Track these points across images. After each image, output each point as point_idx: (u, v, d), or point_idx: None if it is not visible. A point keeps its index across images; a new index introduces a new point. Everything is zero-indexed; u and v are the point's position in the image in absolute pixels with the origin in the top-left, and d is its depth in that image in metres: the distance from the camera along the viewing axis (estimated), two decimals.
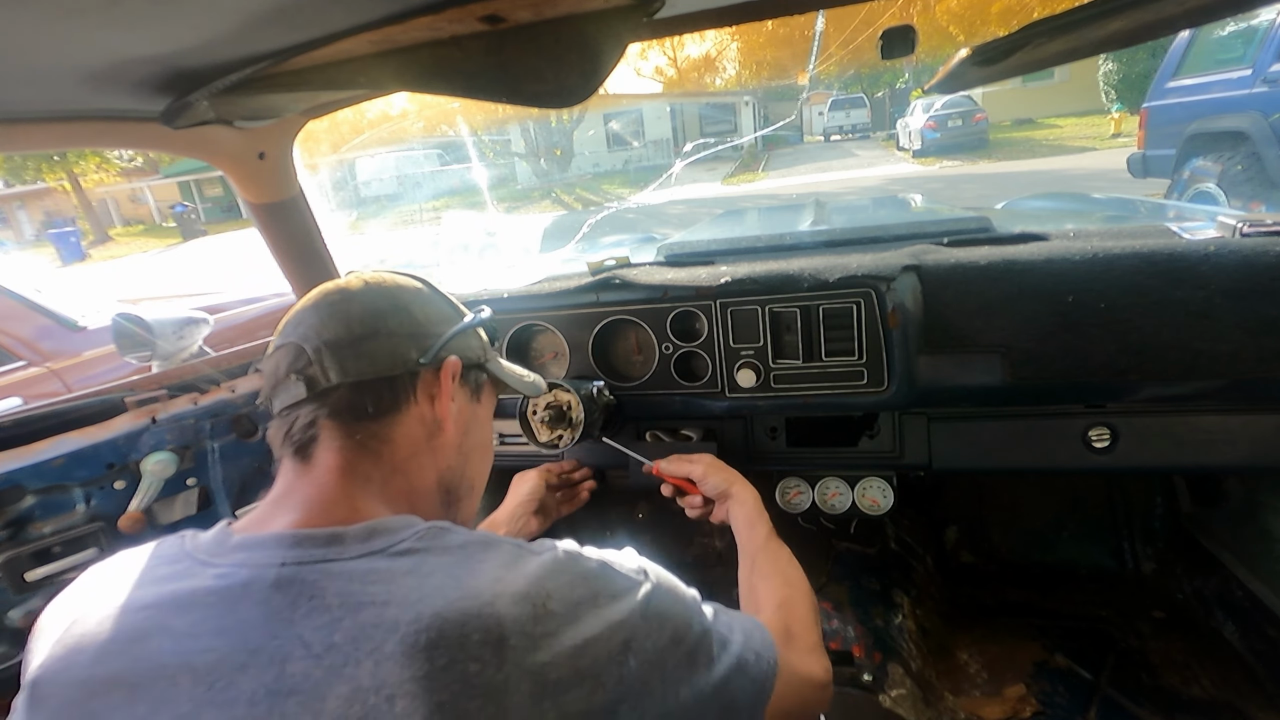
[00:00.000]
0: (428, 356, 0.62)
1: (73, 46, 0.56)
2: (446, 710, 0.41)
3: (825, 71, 16.13)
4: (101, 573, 0.55)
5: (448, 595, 0.46)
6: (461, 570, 0.49)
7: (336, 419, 0.58)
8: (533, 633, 0.45)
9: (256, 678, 0.44)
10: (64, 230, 18.05)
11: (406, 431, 0.61)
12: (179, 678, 0.45)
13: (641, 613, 0.52)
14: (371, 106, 4.14)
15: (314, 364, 0.58)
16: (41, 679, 0.48)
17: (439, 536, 0.52)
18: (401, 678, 0.42)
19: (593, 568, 0.53)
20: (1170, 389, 1.03)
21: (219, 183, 24.77)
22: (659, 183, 13.60)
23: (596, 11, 0.52)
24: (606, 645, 0.48)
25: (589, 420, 1.12)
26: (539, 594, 0.48)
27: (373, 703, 0.42)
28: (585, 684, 0.46)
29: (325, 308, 0.61)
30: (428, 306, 0.66)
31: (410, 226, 13.11)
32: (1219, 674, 1.35)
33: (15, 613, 1.04)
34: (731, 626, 0.61)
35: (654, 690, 0.50)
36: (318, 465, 0.57)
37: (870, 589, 1.53)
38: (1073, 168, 10.81)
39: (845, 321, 1.10)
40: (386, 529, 0.52)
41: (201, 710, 0.43)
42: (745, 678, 0.58)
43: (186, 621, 0.47)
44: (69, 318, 2.59)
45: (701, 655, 0.55)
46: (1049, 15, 0.58)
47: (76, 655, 0.48)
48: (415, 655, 0.42)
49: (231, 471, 1.24)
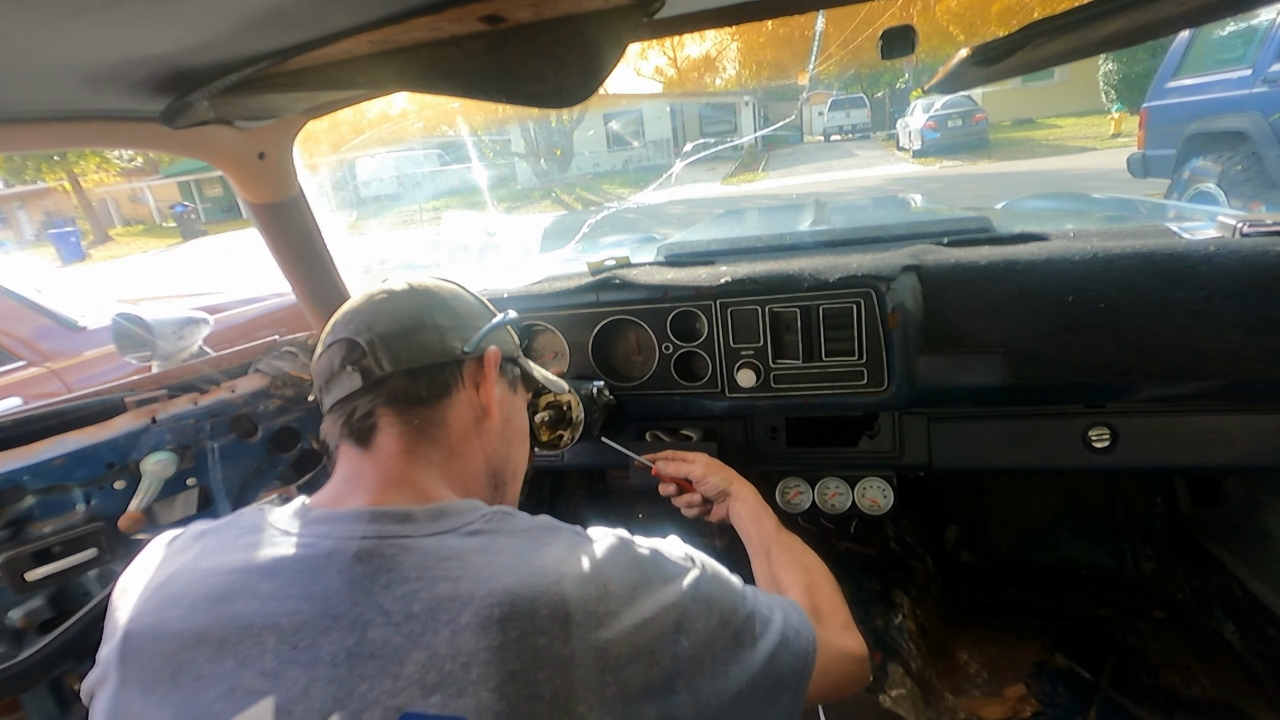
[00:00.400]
0: (471, 345, 0.67)
1: (73, 46, 0.56)
2: (518, 679, 0.45)
3: (825, 71, 16.15)
4: (178, 539, 0.59)
5: (518, 573, 0.49)
6: (529, 551, 0.52)
7: (393, 405, 0.61)
8: (596, 611, 0.49)
9: (339, 640, 0.47)
10: (64, 230, 18.04)
11: (458, 415, 0.65)
12: (265, 636, 0.48)
13: (691, 595, 0.55)
14: (371, 106, 4.14)
15: (368, 355, 0.61)
16: (133, 631, 0.51)
17: (505, 520, 0.56)
18: (477, 647, 0.45)
19: (646, 554, 0.57)
20: (1170, 389, 1.03)
21: (219, 183, 24.77)
22: (659, 183, 13.61)
23: (596, 11, 0.52)
24: (660, 625, 0.51)
25: (589, 420, 1.12)
26: (600, 576, 0.51)
27: (448, 669, 0.45)
28: (643, 660, 0.49)
29: (373, 305, 0.65)
30: (466, 304, 0.71)
31: (410, 226, 13.11)
32: (1219, 674, 1.35)
33: (15, 613, 1.04)
34: (771, 606, 0.64)
35: (706, 668, 0.53)
36: (381, 449, 0.61)
37: (870, 589, 1.53)
38: (1073, 168, 10.80)
39: (845, 321, 1.10)
40: (455, 510, 0.56)
41: (286, 668, 0.46)
42: (788, 653, 0.61)
43: (273, 585, 0.50)
44: (69, 318, 2.58)
45: (747, 635, 0.58)
46: (1049, 15, 0.58)
47: (168, 610, 0.51)
48: (489, 626, 0.46)
49: (231, 471, 1.24)
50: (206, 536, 0.57)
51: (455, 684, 0.44)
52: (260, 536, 0.55)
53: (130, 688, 0.49)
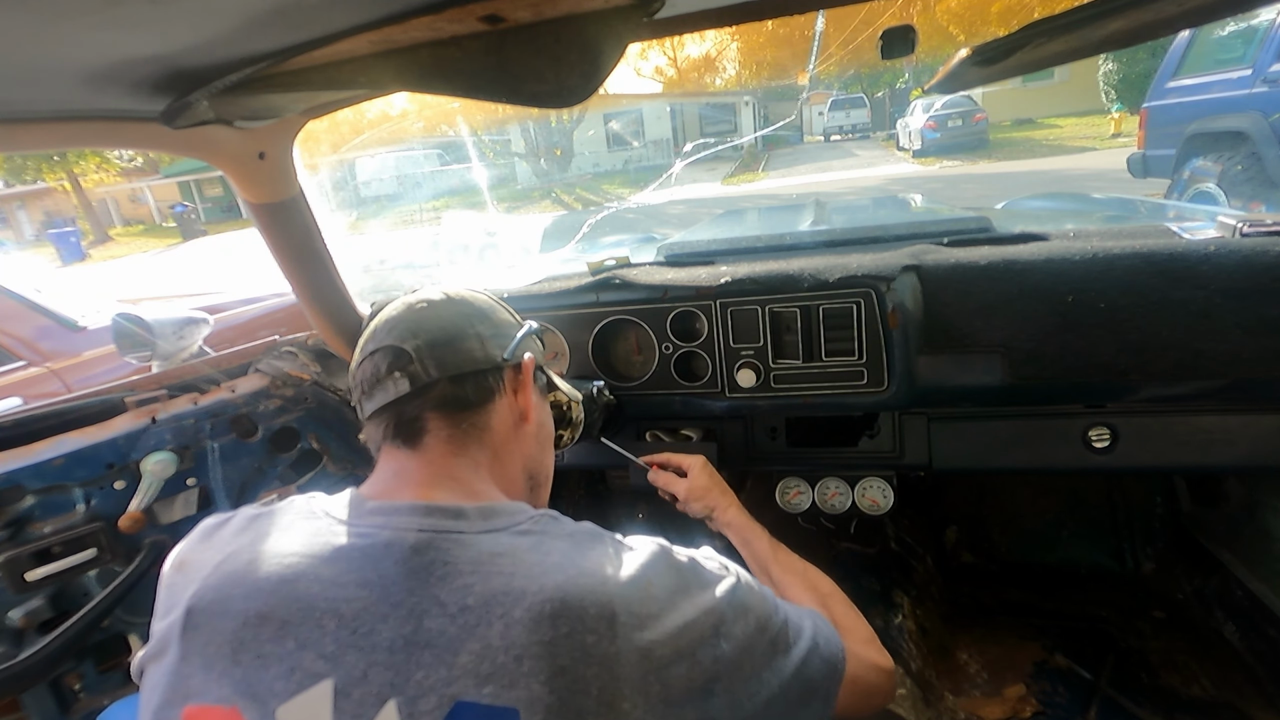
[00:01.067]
0: (509, 353, 0.69)
1: (73, 46, 0.56)
2: (567, 674, 0.46)
3: (825, 71, 16.16)
4: (231, 521, 0.61)
5: (567, 572, 0.51)
6: (576, 554, 0.54)
7: (442, 409, 0.63)
8: (639, 613, 0.51)
9: (396, 628, 0.49)
10: (64, 230, 18.03)
11: (500, 419, 0.68)
12: (325, 620, 0.49)
13: (729, 601, 0.57)
14: (371, 106, 4.14)
15: (415, 362, 0.63)
16: (196, 607, 0.52)
17: (552, 524, 0.58)
18: (529, 640, 0.47)
19: (684, 561, 0.59)
20: (1170, 389, 1.03)
21: (219, 183, 24.76)
22: (659, 183, 13.60)
23: (596, 11, 0.52)
24: (701, 628, 0.53)
25: (589, 420, 1.12)
26: (642, 580, 0.53)
27: (501, 661, 0.46)
28: (685, 661, 0.51)
29: (415, 314, 0.66)
30: (500, 313, 0.73)
31: (410, 226, 13.11)
32: (1219, 674, 1.35)
33: (15, 613, 1.04)
34: (801, 616, 0.65)
35: (744, 671, 0.55)
36: (430, 449, 0.63)
37: (870, 589, 1.53)
38: (1073, 168, 10.80)
39: (845, 321, 1.10)
40: (504, 510, 0.58)
41: (345, 651, 0.48)
42: (819, 659, 0.63)
43: (334, 570, 0.52)
44: (69, 318, 2.58)
45: (781, 642, 0.60)
46: (1049, 15, 0.58)
47: (231, 589, 0.52)
48: (541, 622, 0.47)
49: (231, 471, 1.24)
50: (260, 520, 0.59)
51: (508, 675, 0.46)
52: (319, 524, 0.57)
53: (192, 661, 0.50)
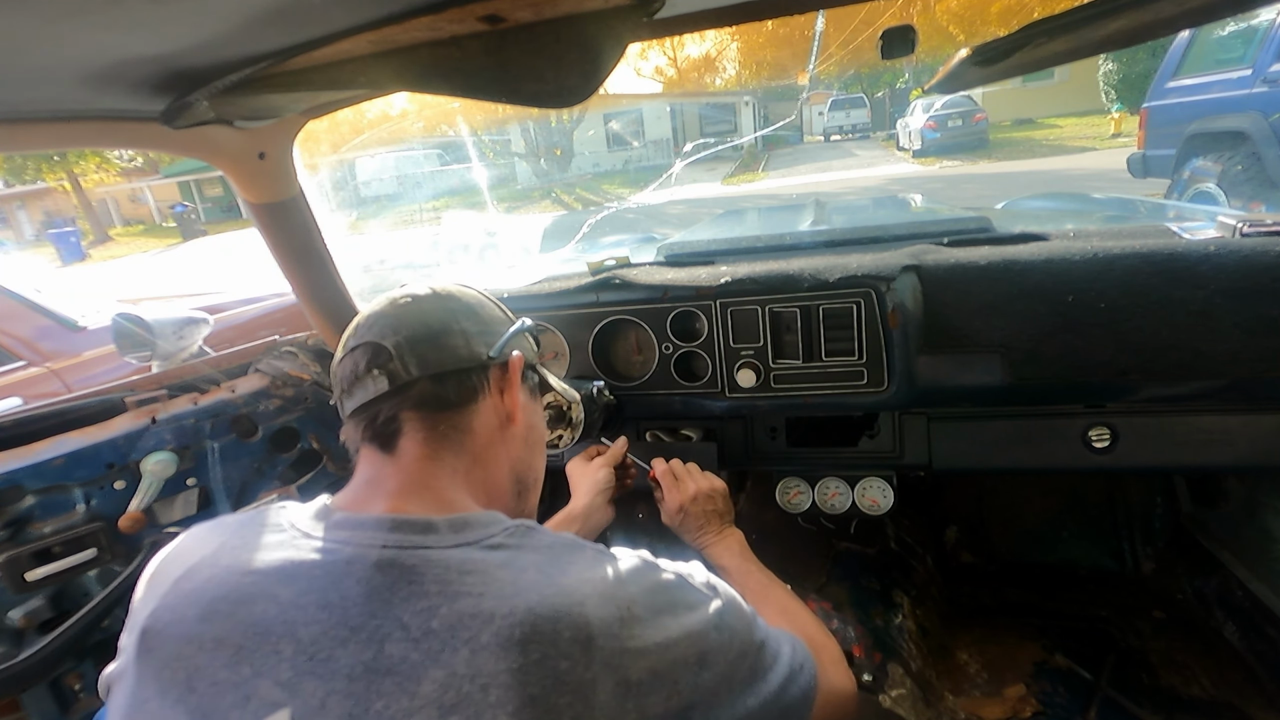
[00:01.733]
0: (496, 350, 0.66)
1: (73, 46, 0.56)
2: (538, 703, 0.44)
3: (825, 71, 16.15)
4: (204, 532, 0.58)
5: (541, 591, 0.48)
6: (553, 569, 0.51)
7: (419, 410, 0.61)
8: (619, 634, 0.48)
9: (356, 654, 0.46)
10: (64, 230, 18.03)
11: (484, 421, 0.65)
12: (282, 645, 0.47)
13: (715, 626, 0.54)
14: (371, 106, 4.14)
15: (395, 359, 0.60)
16: (150, 629, 0.50)
17: (528, 535, 0.55)
18: (496, 669, 0.44)
19: (670, 579, 0.56)
20: (1170, 389, 1.03)
21: (219, 183, 24.75)
22: (659, 183, 13.59)
23: (596, 11, 0.52)
24: (684, 654, 0.51)
25: (589, 420, 1.12)
26: (624, 598, 0.50)
27: (467, 690, 0.44)
28: (664, 689, 0.48)
29: (398, 310, 0.64)
30: (489, 309, 0.70)
31: (410, 226, 13.10)
32: (1219, 674, 1.34)
33: (15, 613, 1.04)
34: (779, 639, 0.64)
35: (722, 699, 0.53)
36: (404, 454, 0.60)
37: (870, 589, 1.53)
38: (1073, 168, 10.80)
39: (845, 321, 1.10)
40: (477, 522, 0.55)
41: (302, 679, 0.46)
42: (796, 685, 0.61)
43: (292, 591, 0.49)
44: (69, 318, 2.58)
45: (760, 667, 0.58)
46: (1049, 15, 0.58)
47: (185, 610, 0.50)
48: (510, 648, 0.45)
49: (231, 471, 1.24)
50: (230, 530, 0.57)
51: (473, 706, 0.43)
52: (281, 537, 0.54)
53: (148, 686, 0.49)
